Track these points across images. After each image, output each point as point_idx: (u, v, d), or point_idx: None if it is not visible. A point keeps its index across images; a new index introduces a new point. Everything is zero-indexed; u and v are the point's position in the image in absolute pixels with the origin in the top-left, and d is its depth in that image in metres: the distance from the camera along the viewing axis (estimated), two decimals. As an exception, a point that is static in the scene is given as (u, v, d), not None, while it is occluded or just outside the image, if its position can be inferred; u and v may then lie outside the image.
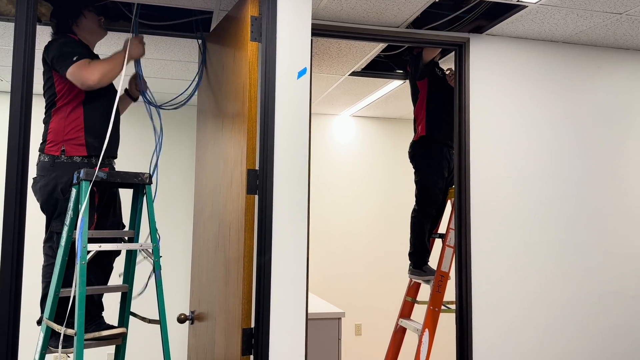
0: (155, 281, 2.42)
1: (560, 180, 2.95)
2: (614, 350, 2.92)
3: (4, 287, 1.84)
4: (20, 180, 1.87)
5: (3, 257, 1.83)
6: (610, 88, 3.08)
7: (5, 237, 1.83)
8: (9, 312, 1.86)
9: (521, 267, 2.84)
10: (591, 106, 3.04)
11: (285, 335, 2.08)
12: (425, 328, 3.05)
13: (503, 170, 2.88)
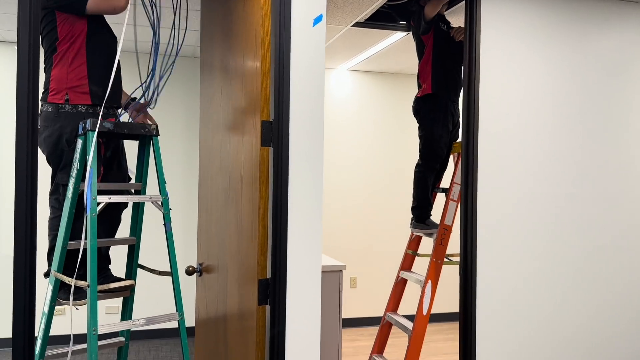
0: (166, 233, 2.41)
1: (566, 135, 2.96)
2: (611, 297, 3.02)
3: (20, 240, 1.81)
4: (31, 130, 1.80)
5: (17, 210, 1.79)
6: (616, 42, 3.05)
7: (19, 189, 1.79)
8: (25, 263, 1.83)
9: (526, 221, 2.88)
10: (598, 60, 3.02)
11: (301, 285, 2.10)
12: (428, 279, 3.11)
13: (510, 125, 2.87)
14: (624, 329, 3.04)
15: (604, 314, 3.01)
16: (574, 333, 2.95)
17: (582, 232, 2.99)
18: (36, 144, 1.80)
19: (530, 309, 2.89)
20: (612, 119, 3.05)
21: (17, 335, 1.81)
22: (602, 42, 3.03)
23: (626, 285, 3.07)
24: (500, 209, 2.85)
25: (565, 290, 2.95)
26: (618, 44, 3.06)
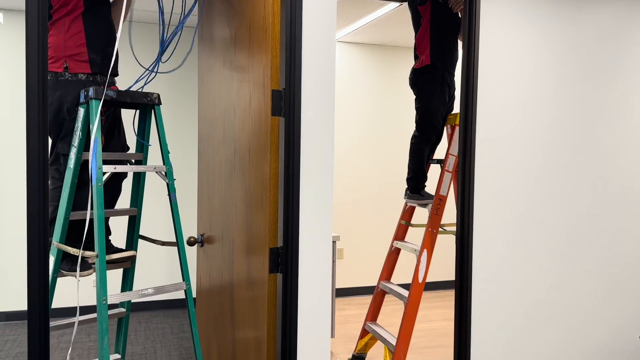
0: (171, 203, 2.39)
1: (564, 107, 3.03)
2: (602, 263, 3.15)
3: (33, 213, 1.78)
4: (42, 100, 1.75)
5: (29, 182, 1.75)
6: (612, 14, 3.12)
7: (31, 159, 1.74)
8: (39, 236, 1.80)
9: (522, 190, 2.96)
10: (594, 33, 3.09)
11: (313, 254, 2.13)
12: (423, 248, 3.18)
13: (508, 96, 2.92)
14: (614, 293, 3.18)
15: (596, 279, 3.15)
16: (567, 298, 3.08)
17: (575, 201, 3.09)
18: (47, 113, 1.75)
19: (525, 276, 3.00)
20: (609, 90, 3.13)
21: (33, 307, 1.79)
22: (598, 14, 3.09)
23: (616, 251, 3.20)
24: (496, 179, 2.92)
25: (559, 256, 3.07)
26: (613, 16, 3.12)
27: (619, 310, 3.24)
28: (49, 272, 1.84)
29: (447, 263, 5.49)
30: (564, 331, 3.11)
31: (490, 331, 2.96)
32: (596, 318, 3.18)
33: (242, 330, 2.35)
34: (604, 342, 3.19)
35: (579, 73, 3.07)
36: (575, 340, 3.13)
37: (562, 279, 3.09)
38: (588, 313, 3.15)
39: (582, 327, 3.14)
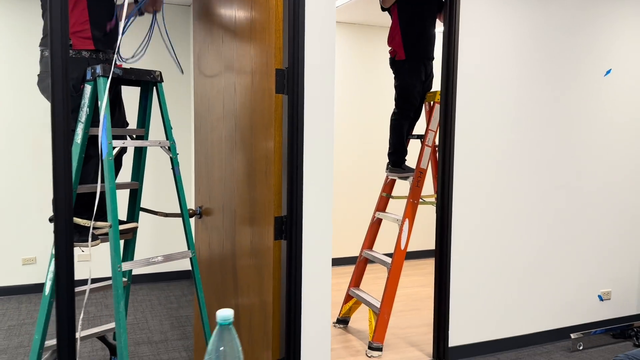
0: (175, 177, 2.51)
1: (535, 86, 3.28)
2: (562, 227, 3.47)
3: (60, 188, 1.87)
4: (65, 75, 1.83)
5: (55, 158, 1.84)
6: (579, 3, 3.37)
7: (57, 135, 1.83)
8: (65, 213, 1.90)
9: (497, 163, 3.21)
10: (564, 18, 3.33)
11: (315, 221, 2.30)
12: (405, 218, 3.41)
13: (487, 76, 3.14)
14: (577, 256, 3.51)
15: (561, 244, 3.46)
16: (536, 260, 3.38)
17: (543, 172, 3.37)
18: (69, 88, 1.84)
19: (498, 240, 3.27)
20: (575, 70, 3.40)
21: (61, 278, 1.90)
22: (567, 2, 3.34)
23: (577, 219, 3.52)
24: (474, 153, 3.16)
25: (528, 223, 3.35)
26: (580, 4, 3.37)
27: (581, 272, 3.57)
28: (73, 245, 1.94)
29: (419, 234, 5.78)
30: (533, 289, 3.42)
31: (467, 289, 3.23)
32: (562, 278, 3.50)
33: (245, 296, 2.51)
34: (568, 300, 3.53)
35: (549, 55, 3.32)
36: (543, 297, 3.45)
37: (531, 244, 3.39)
38: (554, 274, 3.47)
39: (549, 287, 3.46)
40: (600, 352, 3.35)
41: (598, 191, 3.58)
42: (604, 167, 3.59)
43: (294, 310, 2.28)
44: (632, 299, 3.77)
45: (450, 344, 3.18)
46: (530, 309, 3.39)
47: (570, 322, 3.52)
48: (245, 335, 2.51)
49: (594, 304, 3.62)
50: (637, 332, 3.54)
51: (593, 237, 3.58)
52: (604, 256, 3.63)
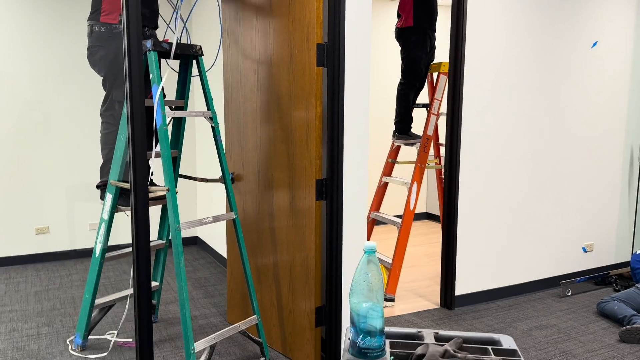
0: (217, 144, 2.70)
1: (529, 57, 3.57)
2: (558, 186, 3.83)
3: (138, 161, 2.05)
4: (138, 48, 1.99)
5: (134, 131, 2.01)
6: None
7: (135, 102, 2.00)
8: (142, 180, 2.08)
9: (500, 128, 3.51)
10: None
11: (353, 182, 2.55)
12: (413, 181, 3.70)
13: (491, 50, 3.41)
14: (566, 212, 3.89)
15: (552, 202, 3.83)
16: (530, 217, 3.74)
17: (533, 137, 3.71)
18: (142, 61, 2.00)
19: (496, 199, 3.61)
20: (563, 45, 3.71)
21: (140, 238, 2.10)
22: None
23: (567, 178, 3.89)
24: (480, 119, 3.45)
25: (525, 184, 3.70)
26: (570, -20, 3.66)
27: (568, 227, 3.96)
28: (149, 209, 2.14)
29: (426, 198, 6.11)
30: (527, 243, 3.79)
31: (470, 244, 3.57)
32: (551, 233, 3.88)
33: (285, 252, 2.76)
34: (556, 252, 3.92)
35: (544, 30, 3.61)
36: (535, 250, 3.83)
37: (525, 203, 3.74)
38: (545, 229, 3.85)
39: (541, 240, 3.84)
40: (586, 297, 3.77)
41: (584, 153, 3.95)
42: (587, 130, 3.95)
43: (335, 262, 2.55)
44: (611, 250, 4.20)
45: (456, 293, 3.53)
46: (525, 261, 3.77)
47: (559, 271, 3.93)
48: (285, 287, 2.77)
49: (579, 255, 4.03)
50: (615, 279, 3.97)
51: (578, 195, 3.96)
52: (587, 212, 4.02)
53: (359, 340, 1.13)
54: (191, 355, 2.38)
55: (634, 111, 4.18)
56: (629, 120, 4.16)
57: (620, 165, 4.15)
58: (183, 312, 2.41)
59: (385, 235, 5.56)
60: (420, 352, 1.13)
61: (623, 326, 3.12)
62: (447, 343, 1.16)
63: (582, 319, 3.36)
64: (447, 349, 1.13)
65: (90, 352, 2.84)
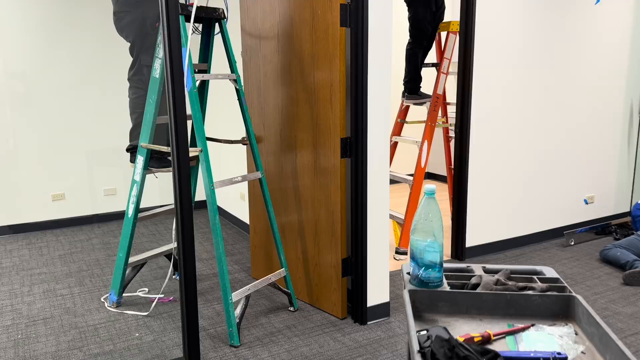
0: (241, 106, 2.79)
1: (541, 18, 3.65)
2: (559, 140, 3.97)
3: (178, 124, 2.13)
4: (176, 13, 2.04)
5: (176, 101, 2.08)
6: None
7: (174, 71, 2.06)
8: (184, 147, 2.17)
9: (508, 87, 3.62)
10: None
11: (376, 140, 2.66)
12: (424, 140, 3.81)
13: (501, 9, 3.48)
14: (569, 165, 4.05)
15: (551, 155, 3.97)
16: (535, 172, 3.90)
17: (538, 94, 3.82)
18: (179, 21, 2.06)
19: (505, 154, 3.75)
20: (566, 1, 3.78)
21: (183, 200, 2.20)
22: None
23: (570, 134, 4.03)
24: (489, 77, 3.55)
25: (531, 140, 3.83)
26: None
27: (571, 180, 4.13)
28: (189, 173, 2.23)
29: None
30: (532, 196, 3.96)
31: (480, 198, 3.72)
32: (555, 186, 4.05)
33: (310, 209, 2.89)
34: (560, 204, 4.10)
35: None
36: (540, 202, 4.01)
37: (531, 157, 3.89)
38: (549, 182, 4.01)
39: (545, 193, 4.01)
40: (588, 245, 3.97)
41: (585, 109, 4.08)
42: (589, 86, 4.07)
43: (361, 216, 2.69)
44: (610, 202, 4.39)
45: (466, 245, 3.70)
46: (530, 213, 3.94)
47: (562, 223, 4.11)
48: (311, 241, 2.91)
49: (581, 207, 4.21)
50: (615, 229, 4.17)
51: (580, 150, 4.11)
52: (588, 166, 4.18)
53: (421, 272, 1.27)
54: (230, 304, 2.54)
55: (635, 67, 4.29)
56: (629, 75, 4.28)
57: (620, 120, 4.30)
58: (220, 265, 2.55)
59: (395, 193, 5.71)
60: (474, 282, 1.28)
61: (626, 270, 3.32)
62: (497, 274, 1.30)
63: (586, 265, 3.56)
64: (499, 278, 1.27)
65: (124, 308, 2.99)
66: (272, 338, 2.63)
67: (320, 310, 2.93)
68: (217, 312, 2.93)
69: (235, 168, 4.42)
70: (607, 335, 1.01)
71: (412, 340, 1.00)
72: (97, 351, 2.52)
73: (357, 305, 2.78)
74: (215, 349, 2.53)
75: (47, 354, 2.50)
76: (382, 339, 2.62)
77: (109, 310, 2.96)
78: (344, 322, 2.80)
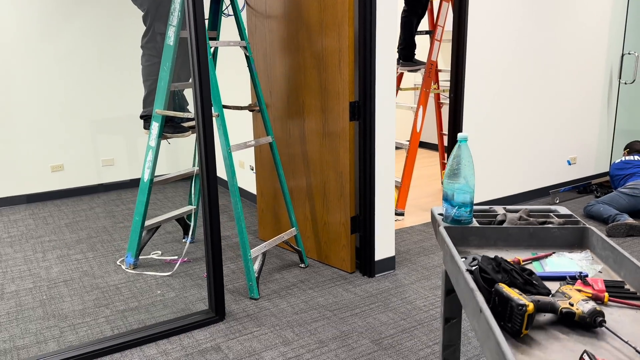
0: (252, 72, 2.89)
1: None
2: (547, 102, 4.19)
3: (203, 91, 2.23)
4: None
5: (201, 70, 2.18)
6: None
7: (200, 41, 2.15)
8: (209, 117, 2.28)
9: (502, 53, 3.79)
10: None
11: (382, 104, 2.81)
12: (419, 105, 3.97)
13: (491, -25, 3.62)
14: (548, 129, 4.27)
15: (543, 120, 4.19)
16: (523, 132, 4.11)
17: (527, 59, 4.01)
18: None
19: (496, 118, 3.94)
20: None
21: (209, 155, 2.32)
22: None
23: (551, 96, 4.24)
24: (483, 45, 3.71)
25: (520, 101, 4.03)
26: None
27: (555, 142, 4.36)
28: (213, 139, 2.34)
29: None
30: (521, 157, 4.18)
31: (473, 158, 3.92)
32: (541, 148, 4.28)
33: (318, 171, 3.04)
34: (545, 165, 4.34)
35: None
36: (528, 163, 4.23)
37: (520, 120, 4.09)
38: (536, 144, 4.24)
39: (532, 154, 4.24)
40: (572, 203, 4.23)
41: (568, 74, 4.29)
42: (572, 52, 4.27)
43: (369, 176, 2.85)
44: (591, 162, 4.66)
45: (460, 205, 3.92)
46: (519, 174, 4.17)
47: (547, 182, 4.36)
48: (319, 202, 3.07)
49: (564, 168, 4.46)
50: (596, 187, 4.44)
51: (563, 114, 4.34)
52: (571, 129, 4.42)
53: (454, 211, 1.44)
54: (249, 260, 2.69)
55: (614, 35, 4.51)
56: (609, 43, 4.49)
57: (601, 85, 4.52)
58: (239, 224, 2.69)
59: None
60: (500, 219, 1.45)
61: (609, 224, 3.58)
62: (519, 212, 1.48)
63: (571, 221, 3.82)
64: (521, 215, 1.45)
65: (141, 270, 3.11)
66: (288, 291, 2.80)
67: (330, 266, 3.11)
68: (232, 270, 3.08)
69: (236, 136, 4.51)
70: (621, 255, 1.20)
71: (459, 262, 1.17)
72: (123, 307, 2.66)
73: (366, 260, 2.97)
74: (237, 301, 2.69)
75: (75, 312, 2.63)
76: (391, 289, 2.82)
77: (126, 272, 3.09)
78: (353, 275, 2.99)
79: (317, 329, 2.42)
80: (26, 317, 2.58)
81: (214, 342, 2.33)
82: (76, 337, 2.40)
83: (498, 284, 1.04)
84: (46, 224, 4.03)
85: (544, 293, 1.09)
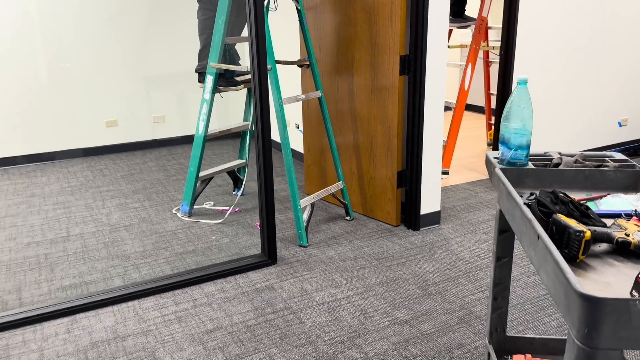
0: (302, 26, 2.93)
1: None
2: (603, 65, 4.07)
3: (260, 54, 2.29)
4: None
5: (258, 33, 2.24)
6: None
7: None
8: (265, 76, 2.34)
9: (557, 12, 3.69)
10: None
11: (434, 59, 2.81)
12: (468, 62, 3.93)
13: None
14: (600, 90, 4.16)
15: (589, 78, 4.08)
16: (574, 94, 4.02)
17: (585, 18, 3.88)
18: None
19: (551, 79, 3.86)
20: None
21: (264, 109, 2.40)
22: None
23: (603, 55, 4.11)
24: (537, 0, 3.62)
25: (571, 63, 3.93)
26: None
27: (606, 103, 4.25)
28: (267, 91, 2.41)
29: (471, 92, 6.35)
30: (572, 117, 4.11)
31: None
32: (592, 108, 4.19)
33: (365, 126, 3.08)
34: (596, 126, 4.25)
35: None
36: (579, 123, 4.16)
37: (572, 81, 4.00)
38: (588, 105, 4.15)
39: (583, 114, 4.15)
40: (621, 165, 4.15)
41: (622, 34, 4.13)
42: (626, 10, 4.10)
43: (417, 130, 2.88)
44: (645, 125, 4.53)
45: (505, 165, 3.90)
46: (569, 134, 4.10)
47: (598, 144, 4.27)
48: (366, 157, 3.13)
49: (615, 129, 4.36)
50: (647, 150, 4.33)
51: (615, 74, 4.20)
52: (623, 90, 4.28)
53: (510, 154, 1.48)
54: (299, 209, 2.80)
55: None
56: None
57: (660, 43, 4.35)
58: (290, 174, 2.79)
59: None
60: (556, 162, 1.48)
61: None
62: (574, 156, 1.51)
63: (620, 182, 3.76)
64: (577, 158, 1.47)
65: (196, 218, 3.27)
66: (335, 241, 2.91)
67: (375, 220, 3.19)
68: (280, 221, 3.21)
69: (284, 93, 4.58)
70: (679, 194, 1.22)
71: (516, 196, 1.22)
72: (181, 250, 2.83)
73: (411, 214, 3.03)
74: (287, 248, 2.82)
75: (137, 253, 2.81)
76: (436, 241, 2.88)
77: (182, 220, 3.25)
78: (398, 228, 3.06)
79: (364, 275, 2.52)
80: (92, 257, 2.78)
81: (267, 282, 2.47)
82: (139, 275, 2.58)
83: (556, 214, 1.09)
84: (103, 175, 4.24)
85: (601, 225, 1.13)
